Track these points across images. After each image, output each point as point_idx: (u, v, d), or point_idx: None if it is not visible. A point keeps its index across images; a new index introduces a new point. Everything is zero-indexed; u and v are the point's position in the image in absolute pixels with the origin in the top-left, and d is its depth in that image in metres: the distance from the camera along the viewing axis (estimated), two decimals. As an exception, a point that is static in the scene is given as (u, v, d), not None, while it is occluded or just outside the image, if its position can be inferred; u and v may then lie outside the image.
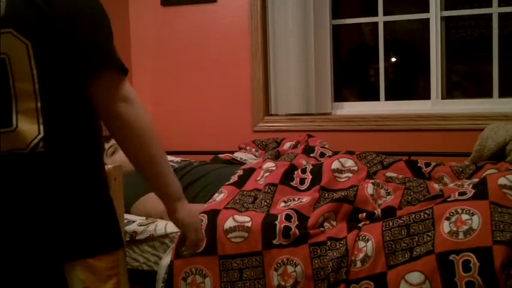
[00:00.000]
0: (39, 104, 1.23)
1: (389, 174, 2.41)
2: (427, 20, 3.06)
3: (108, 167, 1.95)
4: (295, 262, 1.84)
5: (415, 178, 2.33)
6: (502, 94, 2.98)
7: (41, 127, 1.23)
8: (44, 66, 1.23)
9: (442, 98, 3.08)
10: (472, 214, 1.74)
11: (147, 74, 3.43)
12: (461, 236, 1.71)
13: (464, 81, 3.50)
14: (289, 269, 1.84)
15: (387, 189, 2.14)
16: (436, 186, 2.24)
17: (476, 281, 1.64)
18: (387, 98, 3.19)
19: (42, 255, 1.22)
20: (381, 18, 3.16)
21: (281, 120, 3.14)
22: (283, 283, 1.83)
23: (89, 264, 1.25)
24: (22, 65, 1.22)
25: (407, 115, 3.02)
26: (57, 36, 1.23)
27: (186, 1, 3.31)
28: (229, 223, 1.94)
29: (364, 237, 1.84)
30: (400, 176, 2.39)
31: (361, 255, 1.80)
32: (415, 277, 1.72)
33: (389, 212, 1.93)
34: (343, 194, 2.03)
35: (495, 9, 2.95)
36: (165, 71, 3.39)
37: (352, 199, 2.01)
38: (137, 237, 2.16)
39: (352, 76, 3.69)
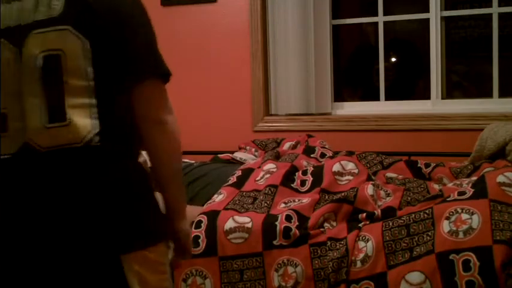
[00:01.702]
0: (93, 100, 1.28)
1: (389, 174, 2.41)
2: (427, 20, 3.06)
3: (108, 167, 1.95)
4: (296, 263, 1.84)
5: (415, 179, 2.33)
6: (502, 94, 2.98)
7: (95, 122, 1.28)
8: (97, 63, 1.28)
9: (442, 98, 3.09)
10: (472, 213, 1.74)
11: (147, 74, 3.42)
12: (461, 235, 1.72)
13: (464, 81, 3.49)
14: (290, 269, 1.84)
15: (386, 191, 2.14)
16: (436, 186, 2.24)
17: (476, 280, 1.65)
18: (387, 98, 3.19)
19: (100, 248, 1.26)
20: (381, 18, 3.16)
21: (281, 120, 3.14)
22: (283, 284, 1.84)
23: (143, 256, 1.29)
24: (77, 61, 1.27)
25: (407, 115, 3.02)
26: (110, 37, 1.28)
27: (186, 1, 3.31)
28: (229, 224, 1.94)
29: (364, 237, 1.84)
30: (400, 176, 2.39)
31: (361, 255, 1.80)
32: (415, 277, 1.72)
33: (389, 212, 1.93)
34: (343, 194, 2.03)
35: (495, 9, 2.95)
36: (165, 71, 3.39)
37: (352, 199, 2.01)
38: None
39: (356, 76, 3.68)
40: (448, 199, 1.85)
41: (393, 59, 3.57)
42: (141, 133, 1.35)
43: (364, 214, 1.95)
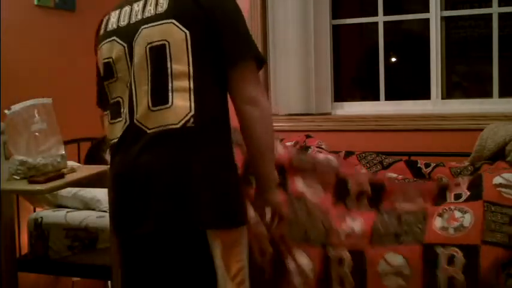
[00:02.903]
0: (191, 84, 1.44)
1: (389, 174, 2.41)
2: (427, 20, 3.06)
3: (108, 166, 1.95)
4: None
5: (415, 179, 2.33)
6: (502, 94, 2.98)
7: (192, 104, 1.43)
8: (196, 51, 1.44)
9: (442, 98, 3.09)
10: (465, 212, 1.74)
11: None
12: (451, 231, 1.72)
13: (464, 81, 3.49)
14: None
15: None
16: None
17: (458, 276, 1.65)
18: (387, 98, 3.19)
19: (191, 222, 1.42)
20: (381, 18, 3.16)
21: (281, 120, 3.14)
22: None
23: (225, 234, 1.46)
24: (180, 50, 1.45)
25: (407, 115, 3.02)
26: (209, 28, 1.45)
27: (186, 1, 3.30)
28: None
29: (353, 218, 1.83)
30: (400, 176, 2.39)
31: (347, 231, 1.78)
32: (396, 259, 1.71)
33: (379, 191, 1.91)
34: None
35: (495, 9, 2.95)
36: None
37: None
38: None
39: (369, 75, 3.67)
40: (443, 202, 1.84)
41: (393, 59, 3.57)
42: (237, 111, 1.50)
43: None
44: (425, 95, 3.12)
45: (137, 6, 1.56)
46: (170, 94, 1.44)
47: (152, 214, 1.44)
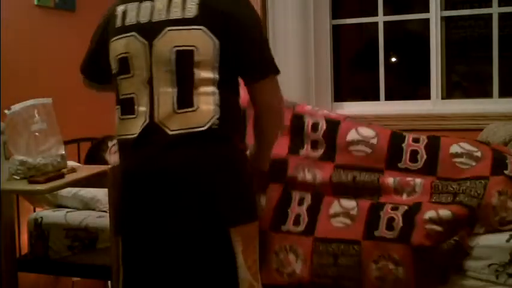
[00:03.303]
0: (215, 89, 1.51)
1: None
2: (427, 20, 3.06)
3: (108, 166, 1.96)
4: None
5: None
6: (502, 94, 2.98)
7: (217, 108, 1.50)
8: (222, 60, 1.52)
9: (442, 98, 3.09)
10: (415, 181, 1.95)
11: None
12: (404, 196, 1.94)
13: (464, 81, 3.49)
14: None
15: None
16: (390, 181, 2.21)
17: (396, 217, 1.84)
18: (387, 98, 3.19)
19: (214, 220, 1.49)
20: (381, 18, 3.16)
21: (281, 120, 3.14)
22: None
23: (244, 229, 1.54)
24: (207, 57, 1.50)
25: (407, 115, 3.02)
26: (235, 41, 1.52)
27: (186, 1, 3.30)
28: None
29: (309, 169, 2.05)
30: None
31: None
32: (347, 202, 1.93)
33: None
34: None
35: (495, 9, 2.95)
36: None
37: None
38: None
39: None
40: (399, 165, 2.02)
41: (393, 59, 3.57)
42: (256, 114, 1.64)
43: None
44: (425, 95, 3.12)
45: (160, 5, 1.55)
46: (195, 98, 1.50)
47: (178, 214, 1.48)
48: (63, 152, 1.92)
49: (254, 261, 1.58)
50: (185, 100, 1.50)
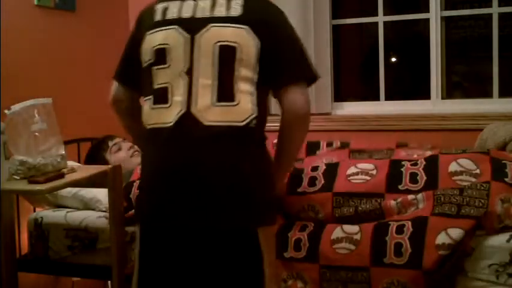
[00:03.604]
0: (254, 90, 1.56)
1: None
2: (427, 20, 3.06)
3: (108, 166, 1.96)
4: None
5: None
6: (502, 94, 2.98)
7: (255, 107, 1.55)
8: (262, 61, 1.56)
9: (442, 98, 3.09)
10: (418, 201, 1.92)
11: (147, 74, 3.43)
12: (406, 213, 1.91)
13: (464, 81, 3.50)
14: None
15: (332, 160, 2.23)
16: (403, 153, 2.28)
17: (404, 242, 1.77)
18: (387, 98, 3.19)
19: (245, 219, 1.53)
20: (381, 18, 3.16)
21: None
22: None
23: (268, 230, 1.59)
24: (249, 56, 1.55)
25: (407, 115, 3.02)
26: (274, 45, 1.58)
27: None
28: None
29: None
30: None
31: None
32: (350, 228, 1.87)
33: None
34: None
35: (495, 9, 2.95)
36: (165, 71, 3.38)
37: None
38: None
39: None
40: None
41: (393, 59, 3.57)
42: (287, 120, 1.64)
43: None
44: (425, 95, 3.12)
45: (203, 3, 1.60)
46: (236, 94, 1.54)
47: (210, 208, 1.50)
48: (63, 152, 1.92)
49: (272, 261, 1.62)
50: (225, 94, 1.54)
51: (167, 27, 1.61)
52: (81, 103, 2.97)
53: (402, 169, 2.06)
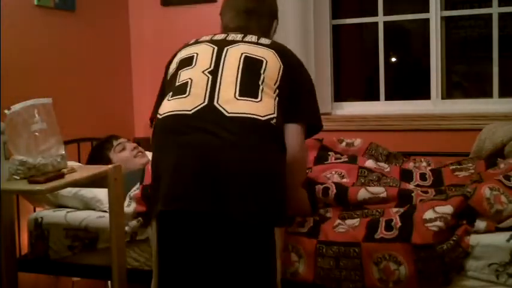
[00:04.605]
0: (276, 98, 1.66)
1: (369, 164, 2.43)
2: (427, 20, 3.06)
3: (108, 167, 1.95)
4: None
5: (394, 177, 2.34)
6: (502, 94, 2.98)
7: (275, 109, 1.64)
8: (282, 83, 1.70)
9: (442, 98, 3.09)
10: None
11: (146, 74, 3.43)
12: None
13: (464, 81, 3.50)
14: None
15: (341, 173, 2.28)
16: (411, 186, 2.27)
17: (394, 219, 1.86)
18: (387, 98, 3.19)
19: (265, 218, 1.57)
20: (381, 18, 3.16)
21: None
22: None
23: (281, 231, 1.68)
24: (273, 71, 1.70)
25: (407, 115, 3.02)
26: (293, 78, 1.75)
27: (186, 1, 3.30)
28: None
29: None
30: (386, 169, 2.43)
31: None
32: (350, 221, 1.95)
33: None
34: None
35: (495, 9, 2.95)
36: (165, 71, 3.39)
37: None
38: (137, 238, 2.16)
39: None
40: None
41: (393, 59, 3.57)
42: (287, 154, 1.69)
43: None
44: (425, 95, 3.12)
45: (235, 35, 1.80)
46: (260, 93, 1.64)
47: (233, 200, 1.51)
48: (63, 152, 1.92)
49: (281, 254, 1.71)
50: (249, 91, 1.63)
51: (198, 44, 1.79)
52: (81, 103, 2.98)
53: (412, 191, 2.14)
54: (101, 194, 2.33)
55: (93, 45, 3.09)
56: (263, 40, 1.79)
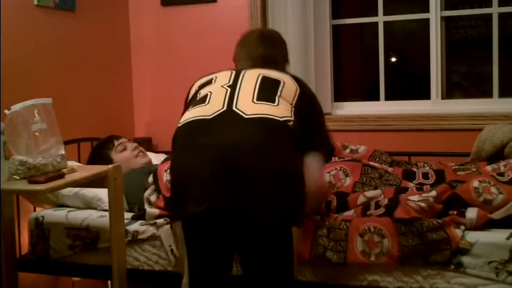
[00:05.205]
0: (292, 108, 1.75)
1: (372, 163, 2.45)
2: (427, 20, 3.06)
3: (108, 166, 1.95)
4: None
5: (397, 175, 2.36)
6: (502, 94, 2.98)
7: (292, 115, 1.72)
8: (297, 102, 1.79)
9: (442, 98, 3.09)
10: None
11: (147, 74, 3.43)
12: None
13: (464, 81, 3.50)
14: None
15: (345, 170, 2.30)
16: (411, 184, 2.30)
17: (383, 200, 1.99)
18: (387, 98, 3.19)
19: (284, 215, 1.61)
20: (381, 18, 3.16)
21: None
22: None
23: (297, 230, 1.74)
24: (289, 92, 1.80)
25: (407, 115, 3.02)
26: (308, 106, 1.84)
27: (186, 1, 3.30)
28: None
29: None
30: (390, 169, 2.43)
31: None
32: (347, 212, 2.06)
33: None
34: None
35: (495, 9, 2.95)
36: (165, 71, 3.39)
37: None
38: (139, 237, 2.16)
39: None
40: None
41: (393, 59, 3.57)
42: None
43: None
44: (425, 95, 3.12)
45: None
46: (277, 99, 1.74)
47: (255, 201, 1.55)
48: (63, 152, 1.92)
49: (295, 250, 1.75)
50: (266, 97, 1.73)
51: (216, 73, 1.90)
52: (81, 103, 2.98)
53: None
54: (102, 193, 2.33)
55: (93, 45, 3.09)
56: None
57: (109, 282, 2.53)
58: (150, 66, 3.42)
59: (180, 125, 1.75)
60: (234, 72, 1.86)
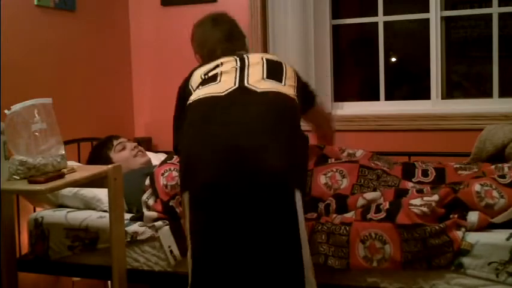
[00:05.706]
0: (294, 87, 1.93)
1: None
2: (427, 20, 3.06)
3: (108, 166, 1.95)
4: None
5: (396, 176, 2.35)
6: (502, 94, 2.98)
7: (296, 94, 1.90)
8: (297, 85, 1.97)
9: (442, 98, 3.09)
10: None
11: (147, 74, 3.43)
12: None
13: (464, 81, 3.49)
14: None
15: (342, 172, 2.25)
16: (410, 184, 2.27)
17: (384, 204, 1.97)
18: (387, 98, 3.19)
19: (289, 181, 1.70)
20: (381, 18, 3.16)
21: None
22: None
23: (302, 196, 1.75)
24: (291, 73, 1.99)
25: (407, 115, 3.02)
26: (299, 81, 2.02)
27: (186, 1, 3.30)
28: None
29: None
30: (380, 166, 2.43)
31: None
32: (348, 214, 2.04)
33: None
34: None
35: (495, 9, 2.95)
36: (165, 71, 3.39)
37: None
38: (138, 238, 2.16)
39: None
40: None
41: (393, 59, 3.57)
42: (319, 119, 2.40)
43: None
44: (425, 95, 3.12)
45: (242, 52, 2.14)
46: (284, 80, 1.90)
47: (268, 168, 1.65)
48: (63, 152, 1.92)
49: (303, 230, 1.73)
50: (275, 76, 1.89)
51: (213, 62, 2.01)
52: (81, 103, 2.98)
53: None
54: (102, 193, 2.33)
55: (93, 45, 3.09)
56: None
57: (109, 282, 2.53)
58: (150, 66, 3.41)
59: (192, 101, 1.83)
60: (237, 57, 1.98)
